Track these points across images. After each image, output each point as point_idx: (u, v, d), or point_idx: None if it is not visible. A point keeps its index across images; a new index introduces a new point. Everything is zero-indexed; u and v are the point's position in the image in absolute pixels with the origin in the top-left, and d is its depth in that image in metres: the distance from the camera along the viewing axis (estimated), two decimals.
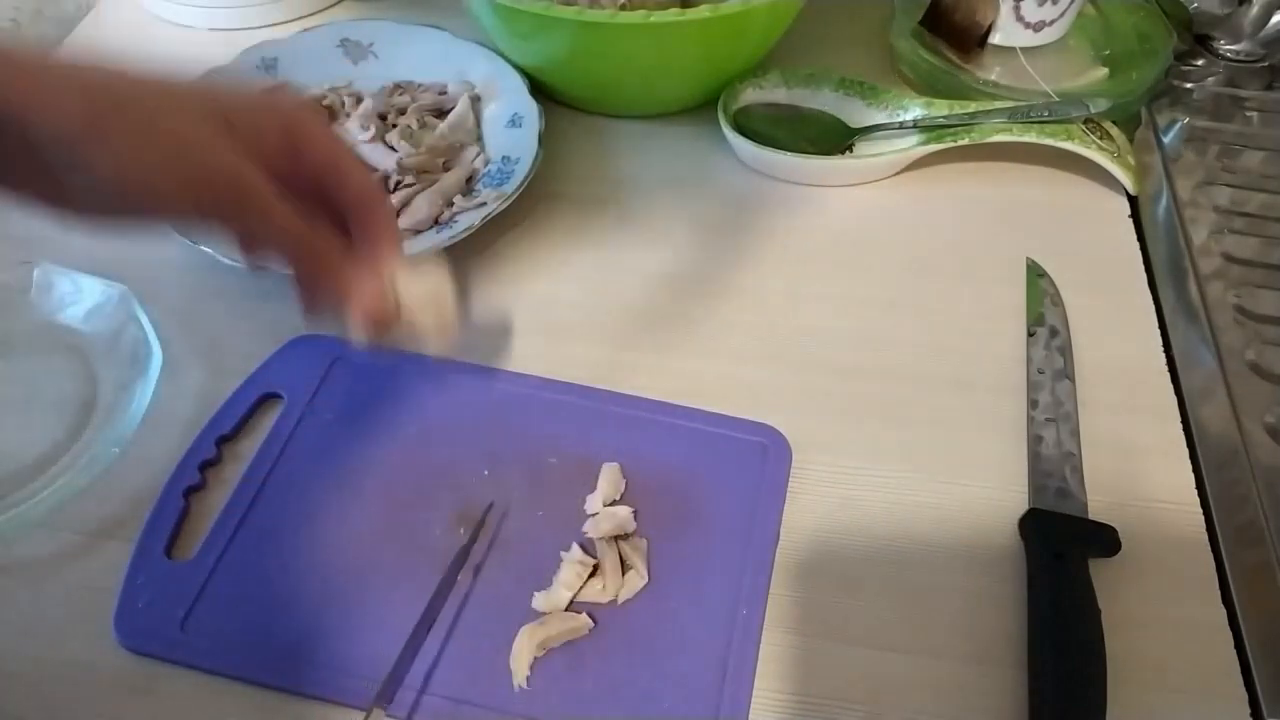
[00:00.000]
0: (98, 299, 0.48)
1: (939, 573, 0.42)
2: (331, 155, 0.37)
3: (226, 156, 0.33)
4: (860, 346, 0.51)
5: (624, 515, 0.42)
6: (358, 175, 0.37)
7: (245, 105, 0.35)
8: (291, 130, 0.35)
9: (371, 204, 0.38)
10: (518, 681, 0.38)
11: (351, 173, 0.37)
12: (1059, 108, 0.58)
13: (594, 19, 0.53)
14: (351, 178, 0.37)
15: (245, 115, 0.34)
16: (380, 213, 0.38)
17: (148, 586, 0.40)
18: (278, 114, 0.36)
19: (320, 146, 0.36)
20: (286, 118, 0.36)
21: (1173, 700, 0.38)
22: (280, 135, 0.35)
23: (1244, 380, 0.49)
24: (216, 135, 0.33)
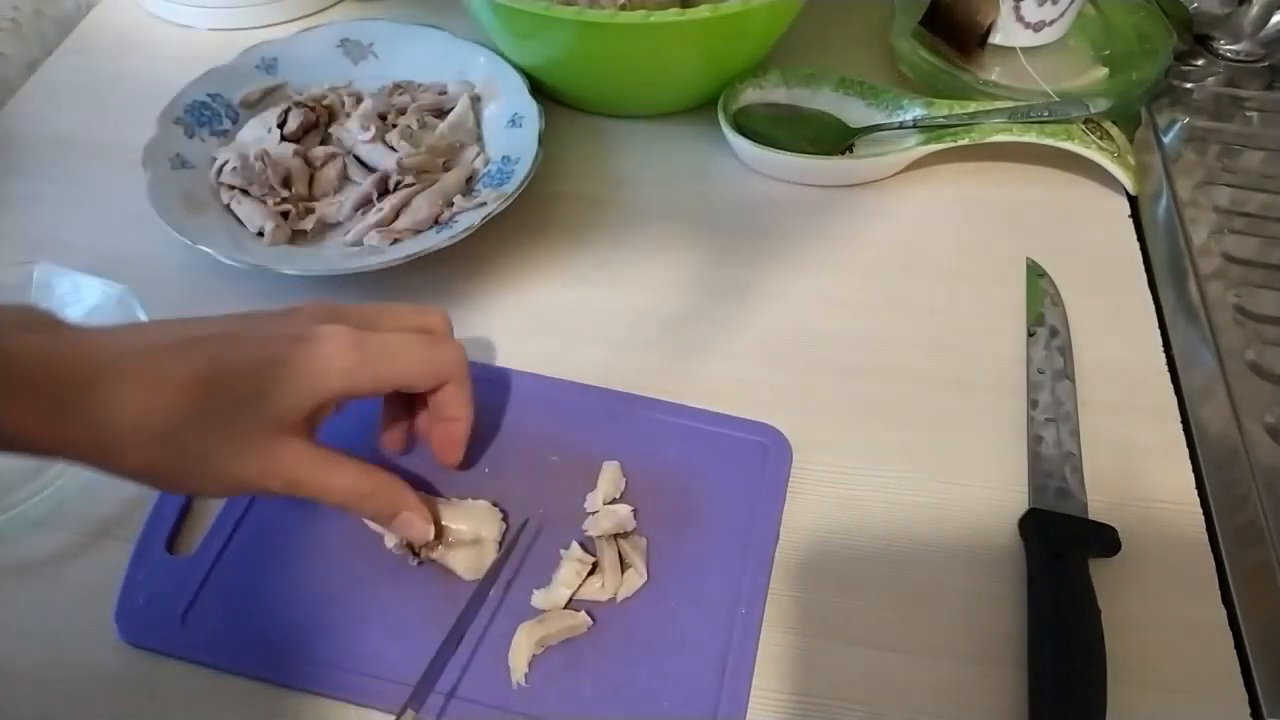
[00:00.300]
0: (98, 299, 0.48)
1: (939, 573, 0.42)
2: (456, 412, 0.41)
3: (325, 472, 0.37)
4: (860, 346, 0.51)
5: (624, 514, 0.42)
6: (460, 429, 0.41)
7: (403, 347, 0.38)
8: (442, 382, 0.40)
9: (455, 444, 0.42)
10: (516, 679, 0.38)
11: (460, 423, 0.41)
12: (1059, 108, 0.58)
13: (594, 19, 0.53)
14: (456, 428, 0.41)
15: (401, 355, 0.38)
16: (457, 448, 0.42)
17: (149, 582, 0.40)
18: (435, 374, 0.39)
19: (452, 407, 0.41)
20: (452, 370, 0.40)
21: (1173, 700, 0.39)
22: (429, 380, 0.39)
23: (1244, 380, 0.49)
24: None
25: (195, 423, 0.33)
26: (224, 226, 0.53)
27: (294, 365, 0.35)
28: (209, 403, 0.33)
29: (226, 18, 0.69)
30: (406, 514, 0.39)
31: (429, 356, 0.39)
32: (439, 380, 0.39)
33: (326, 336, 0.36)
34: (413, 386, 0.39)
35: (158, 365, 0.33)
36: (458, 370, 0.40)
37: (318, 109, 0.59)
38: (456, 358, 0.40)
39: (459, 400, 0.40)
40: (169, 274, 0.52)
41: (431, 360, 0.39)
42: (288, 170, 0.55)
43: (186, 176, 0.54)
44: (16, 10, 0.66)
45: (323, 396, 0.36)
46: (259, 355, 0.35)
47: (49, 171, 0.59)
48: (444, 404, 0.40)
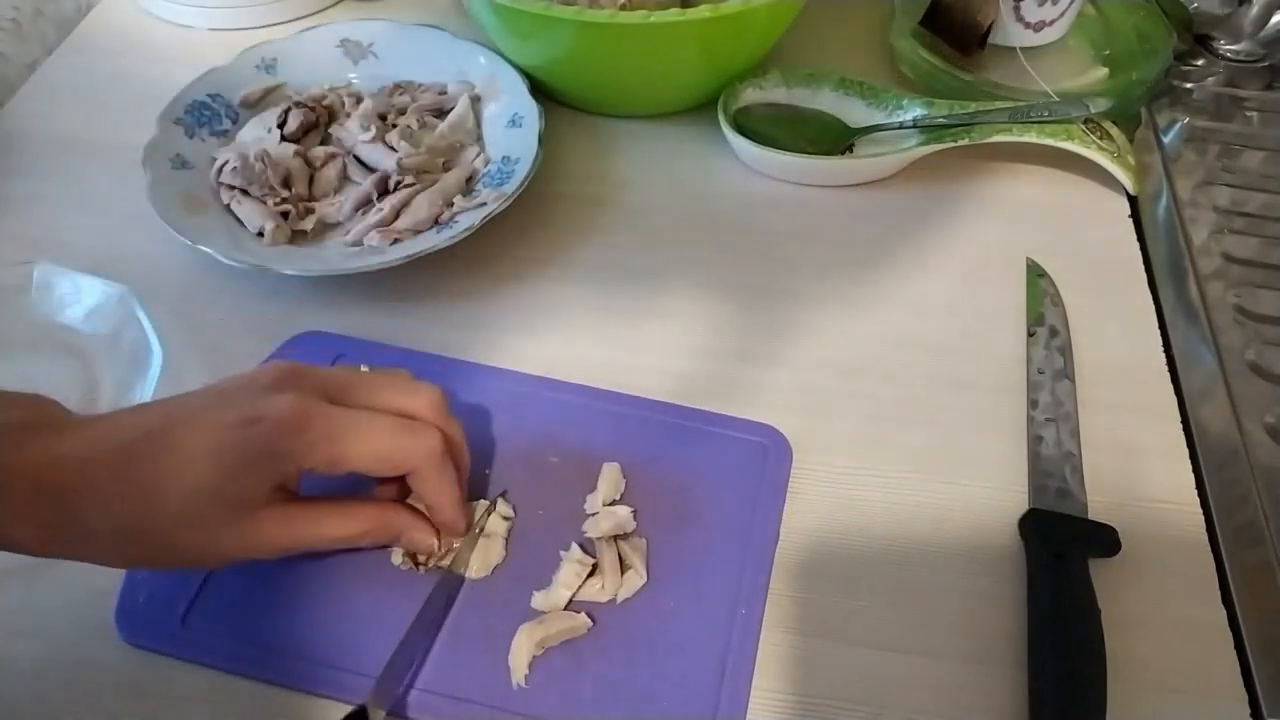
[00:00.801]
0: (98, 299, 0.48)
1: (939, 573, 0.42)
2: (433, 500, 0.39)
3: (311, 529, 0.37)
4: (860, 346, 0.51)
5: (623, 515, 0.42)
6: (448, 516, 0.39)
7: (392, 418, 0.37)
8: (412, 472, 0.38)
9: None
10: (516, 680, 0.38)
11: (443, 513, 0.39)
12: (1059, 108, 0.58)
13: (594, 19, 0.53)
14: (440, 516, 0.39)
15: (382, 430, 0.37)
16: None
17: (148, 581, 0.40)
18: (397, 464, 0.37)
19: (424, 495, 0.39)
20: (417, 461, 0.37)
21: (1173, 700, 0.39)
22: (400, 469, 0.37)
23: (1244, 380, 0.49)
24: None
25: (169, 519, 0.34)
26: (224, 226, 0.53)
27: (239, 452, 0.34)
28: (172, 501, 0.34)
29: (226, 18, 0.69)
30: (406, 536, 0.39)
31: (389, 445, 0.36)
32: (397, 468, 0.37)
33: (272, 414, 0.34)
34: (369, 473, 0.37)
35: (125, 468, 0.34)
36: (422, 462, 0.37)
37: (318, 109, 0.59)
38: (424, 448, 0.37)
39: (428, 490, 0.38)
40: (169, 274, 0.52)
41: (390, 450, 0.36)
42: (288, 170, 0.55)
43: (186, 176, 0.54)
44: (16, 10, 0.66)
45: (276, 475, 0.35)
46: (209, 446, 0.34)
47: (49, 171, 0.59)
48: (416, 489, 0.38)
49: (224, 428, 0.34)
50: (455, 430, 0.39)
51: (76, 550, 0.35)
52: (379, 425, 0.36)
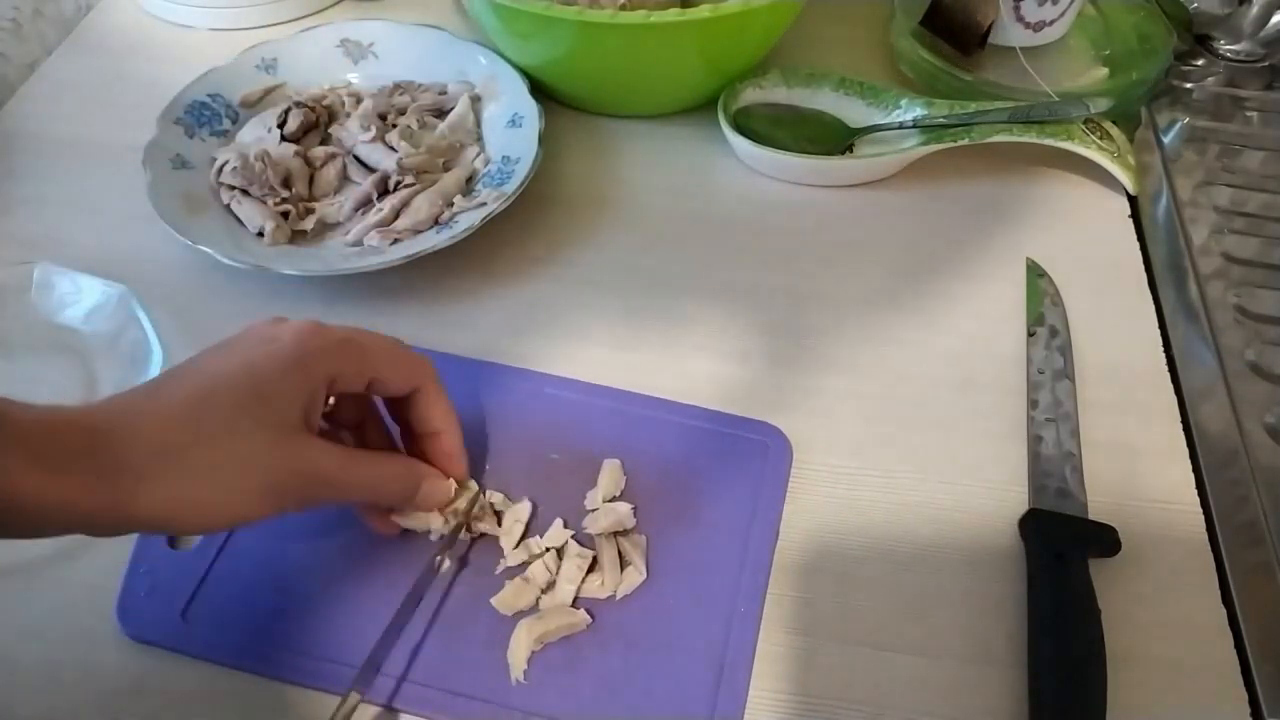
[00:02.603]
0: (98, 299, 0.48)
1: (939, 573, 0.42)
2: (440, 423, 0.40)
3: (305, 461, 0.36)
4: (860, 346, 0.51)
5: (623, 511, 0.42)
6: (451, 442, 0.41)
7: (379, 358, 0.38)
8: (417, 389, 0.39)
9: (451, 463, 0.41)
10: (515, 675, 0.38)
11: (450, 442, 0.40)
12: (1059, 108, 0.58)
13: (594, 19, 0.53)
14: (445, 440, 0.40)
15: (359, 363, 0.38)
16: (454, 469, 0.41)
17: (150, 575, 0.40)
18: (408, 372, 0.39)
19: (433, 420, 0.40)
20: (423, 375, 0.39)
21: (1173, 700, 0.38)
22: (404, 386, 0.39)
23: (1244, 380, 0.49)
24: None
25: (198, 441, 0.33)
26: (224, 226, 0.53)
27: (270, 362, 0.35)
28: (206, 418, 0.33)
29: (226, 18, 0.69)
30: (426, 485, 0.39)
31: (401, 355, 0.39)
32: (411, 382, 0.39)
33: (288, 329, 0.36)
34: (387, 381, 0.38)
35: (151, 400, 0.34)
36: (428, 379, 0.39)
37: (318, 109, 0.59)
38: (427, 366, 0.39)
39: (437, 408, 0.40)
40: (169, 274, 0.52)
41: (403, 359, 0.39)
42: (288, 170, 0.55)
43: (186, 176, 0.55)
44: (16, 10, 0.66)
45: (308, 385, 0.35)
46: (239, 363, 0.35)
47: (49, 171, 0.59)
48: (424, 417, 0.40)
49: (249, 347, 0.36)
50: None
51: (89, 507, 0.31)
52: (384, 339, 0.39)
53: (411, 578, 0.40)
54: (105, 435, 0.32)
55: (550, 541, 0.41)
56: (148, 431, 0.33)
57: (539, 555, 0.41)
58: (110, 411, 0.33)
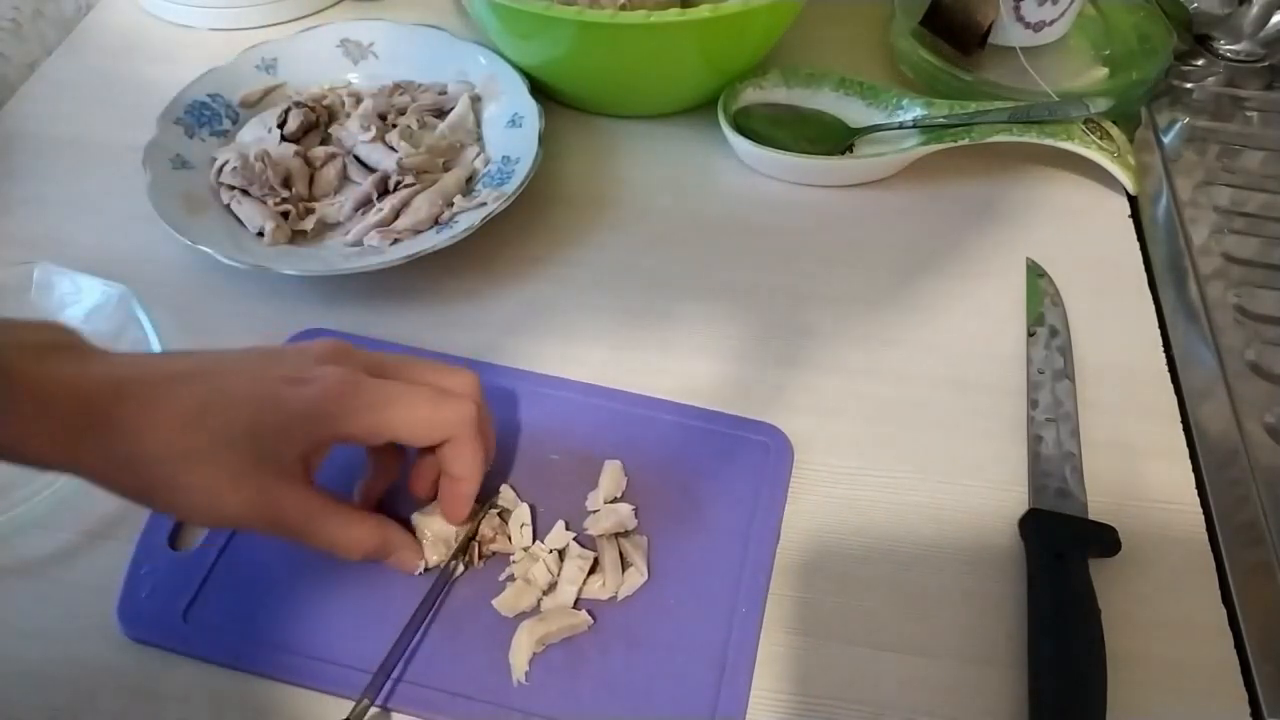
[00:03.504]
0: (98, 299, 0.48)
1: (939, 573, 0.42)
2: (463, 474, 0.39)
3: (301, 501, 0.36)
4: (861, 346, 0.51)
5: (625, 512, 0.42)
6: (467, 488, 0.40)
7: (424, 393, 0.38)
8: (450, 438, 0.38)
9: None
10: (516, 677, 0.38)
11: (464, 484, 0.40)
12: (1059, 108, 0.58)
13: (594, 19, 0.53)
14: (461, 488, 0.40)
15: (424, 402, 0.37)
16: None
17: (151, 576, 0.40)
18: (438, 431, 0.38)
19: (455, 466, 0.39)
20: (456, 429, 0.38)
21: (1173, 700, 0.39)
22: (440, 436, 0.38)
23: (1244, 380, 0.49)
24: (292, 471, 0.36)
25: (186, 454, 0.34)
26: (224, 226, 0.53)
27: (282, 408, 0.35)
28: (200, 435, 0.34)
29: (226, 18, 0.69)
30: (396, 555, 0.40)
31: (430, 413, 0.37)
32: (436, 437, 0.38)
33: (318, 379, 0.35)
34: (405, 440, 0.37)
35: (162, 393, 0.34)
36: (461, 430, 0.38)
37: (318, 109, 0.59)
38: (463, 417, 0.38)
39: (462, 460, 0.38)
40: (169, 274, 0.52)
41: (431, 417, 0.37)
42: (288, 170, 0.55)
43: (186, 176, 0.54)
44: (16, 10, 0.66)
45: (311, 440, 0.36)
46: (253, 392, 0.35)
47: (49, 171, 0.59)
48: (447, 461, 0.39)
49: (272, 380, 0.35)
50: (486, 411, 0.40)
51: (88, 468, 0.34)
52: (420, 395, 0.37)
53: (413, 580, 0.40)
54: (102, 419, 0.33)
55: (552, 543, 0.41)
56: (144, 431, 0.33)
57: (540, 557, 0.41)
58: (116, 389, 0.33)
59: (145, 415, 0.33)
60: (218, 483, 0.34)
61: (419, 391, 0.37)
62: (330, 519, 0.37)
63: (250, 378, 0.35)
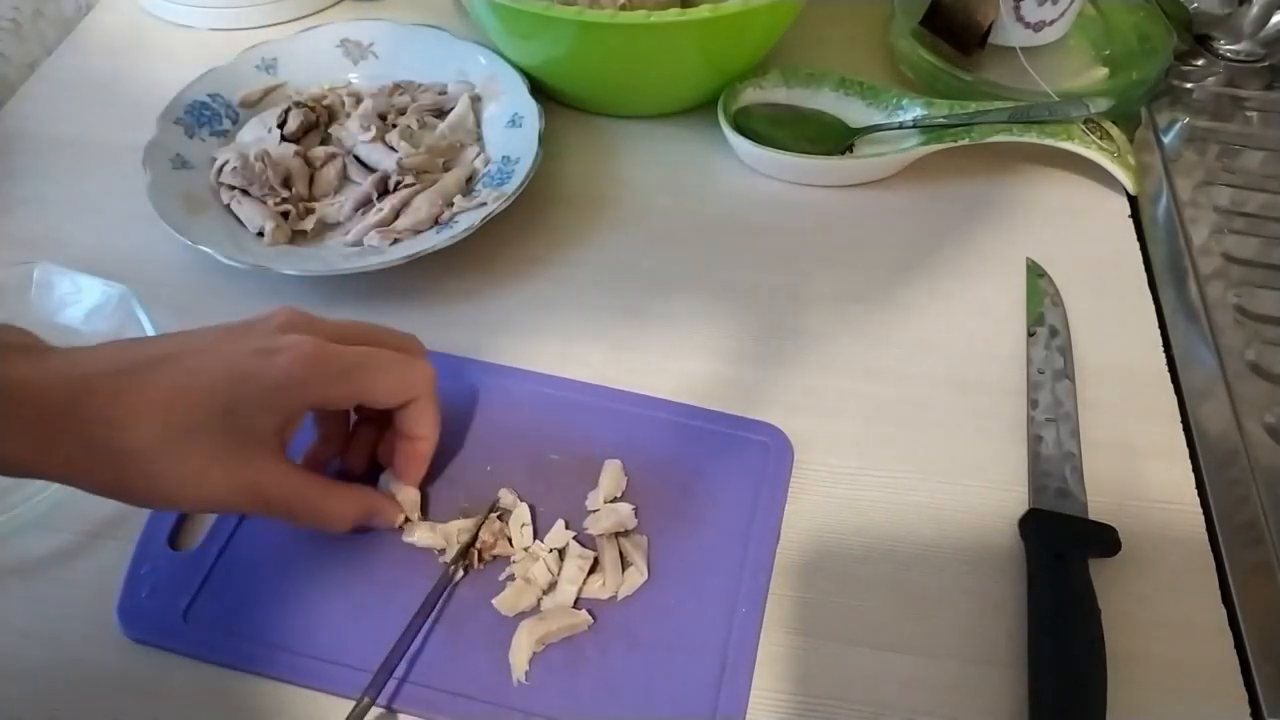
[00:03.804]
0: (98, 299, 0.48)
1: (939, 573, 0.42)
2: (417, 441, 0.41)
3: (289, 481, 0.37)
4: (861, 346, 0.51)
5: (625, 512, 0.42)
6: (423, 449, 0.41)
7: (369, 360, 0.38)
8: (408, 403, 0.39)
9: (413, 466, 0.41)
10: (516, 676, 0.38)
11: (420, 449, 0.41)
12: (1059, 108, 0.58)
13: (594, 19, 0.53)
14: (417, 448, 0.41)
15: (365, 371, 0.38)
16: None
17: (151, 576, 0.40)
18: (404, 389, 0.39)
19: (418, 426, 0.40)
20: (421, 388, 0.39)
21: (1173, 700, 0.39)
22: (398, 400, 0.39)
23: (1244, 380, 0.49)
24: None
25: (164, 441, 0.34)
26: (224, 226, 0.53)
27: (257, 379, 0.35)
28: (176, 420, 0.34)
29: (226, 18, 0.69)
30: (379, 518, 0.40)
31: (398, 372, 0.39)
32: (406, 396, 0.39)
33: (289, 347, 0.36)
34: (378, 401, 0.38)
35: (129, 383, 0.34)
36: (425, 387, 0.39)
37: (318, 109, 0.59)
38: (425, 375, 0.39)
39: (425, 419, 0.40)
40: (169, 274, 0.52)
41: (399, 375, 0.39)
42: (288, 170, 0.55)
43: (186, 176, 0.54)
44: (16, 10, 0.66)
45: (287, 411, 0.36)
46: (224, 370, 0.35)
47: (49, 171, 0.59)
48: (409, 422, 0.40)
49: (241, 355, 0.35)
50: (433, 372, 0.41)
51: (62, 469, 0.34)
52: (382, 356, 0.38)
53: (413, 580, 0.40)
54: (73, 416, 0.33)
55: (552, 542, 0.41)
56: (115, 424, 0.33)
57: (540, 556, 0.41)
58: (80, 384, 0.33)
59: (114, 408, 0.33)
60: (196, 467, 0.34)
61: (385, 355, 0.38)
62: (312, 492, 0.38)
63: (218, 356, 0.35)
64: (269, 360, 0.35)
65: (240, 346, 0.36)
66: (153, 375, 0.34)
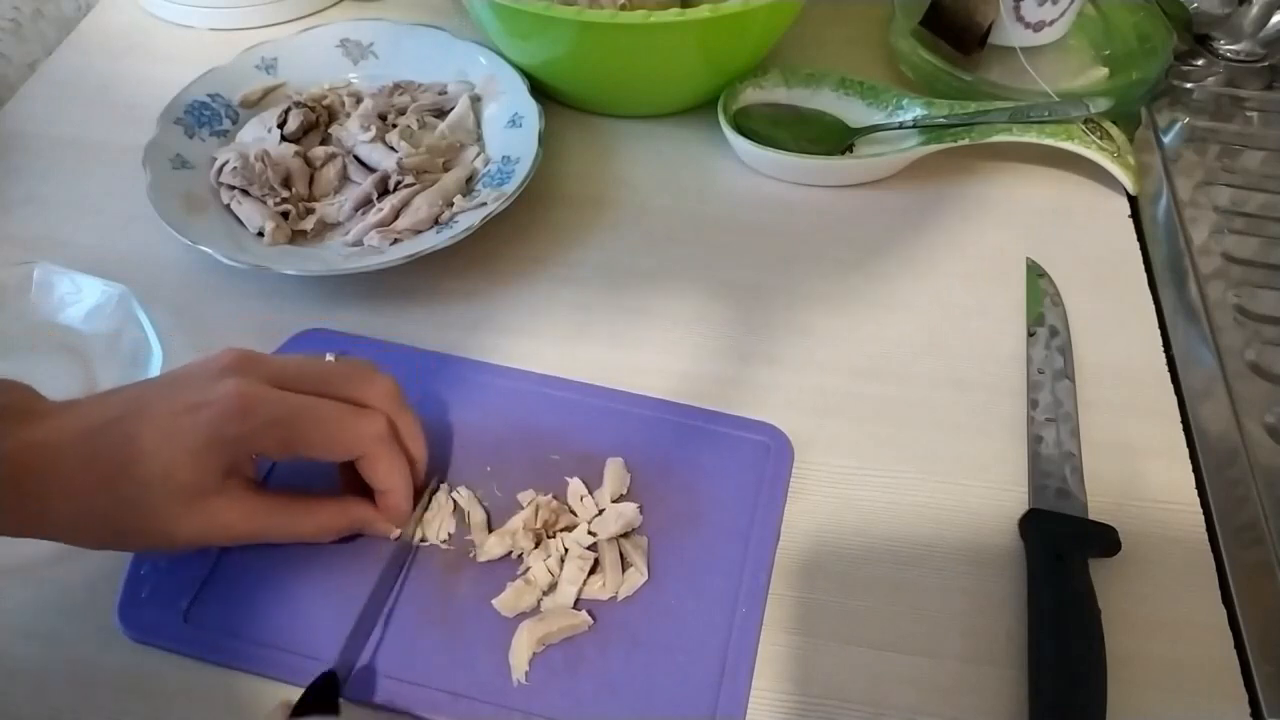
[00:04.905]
0: (98, 299, 0.48)
1: (939, 573, 0.42)
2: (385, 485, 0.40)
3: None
4: (861, 346, 0.51)
5: (630, 513, 0.41)
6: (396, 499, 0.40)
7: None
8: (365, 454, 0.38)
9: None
10: (517, 677, 0.38)
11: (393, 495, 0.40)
12: (1059, 108, 0.58)
13: (594, 19, 0.53)
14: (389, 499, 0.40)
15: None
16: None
17: (151, 577, 0.40)
18: (348, 446, 0.38)
19: (376, 480, 0.39)
20: (366, 446, 0.38)
21: (1173, 700, 0.39)
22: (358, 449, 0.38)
23: (1244, 380, 0.49)
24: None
25: (124, 507, 0.35)
26: (224, 226, 0.53)
27: (186, 440, 0.35)
28: (125, 487, 0.35)
29: (226, 18, 0.69)
30: (370, 529, 0.40)
31: (335, 430, 0.37)
32: (347, 453, 0.38)
33: (219, 399, 0.35)
34: (314, 455, 0.37)
35: (70, 455, 0.34)
36: (371, 447, 0.38)
37: (318, 109, 0.59)
38: (370, 432, 0.37)
39: (378, 474, 0.38)
40: (169, 274, 0.52)
41: (337, 435, 0.37)
42: (288, 170, 0.55)
43: (186, 176, 0.54)
44: (16, 10, 0.66)
45: (222, 463, 0.36)
46: (157, 431, 0.35)
47: (49, 171, 0.59)
48: (366, 475, 0.39)
49: (172, 415, 0.35)
50: (407, 419, 0.40)
51: (48, 533, 0.35)
52: (324, 410, 0.37)
53: (413, 581, 0.40)
54: (44, 488, 0.34)
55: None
56: (80, 495, 0.34)
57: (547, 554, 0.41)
58: (52, 458, 0.34)
59: (60, 488, 0.34)
60: (161, 522, 0.35)
61: (325, 407, 0.37)
62: (284, 515, 0.38)
63: (154, 421, 0.35)
64: (194, 417, 0.35)
65: (176, 401, 0.36)
66: (105, 444, 0.35)
